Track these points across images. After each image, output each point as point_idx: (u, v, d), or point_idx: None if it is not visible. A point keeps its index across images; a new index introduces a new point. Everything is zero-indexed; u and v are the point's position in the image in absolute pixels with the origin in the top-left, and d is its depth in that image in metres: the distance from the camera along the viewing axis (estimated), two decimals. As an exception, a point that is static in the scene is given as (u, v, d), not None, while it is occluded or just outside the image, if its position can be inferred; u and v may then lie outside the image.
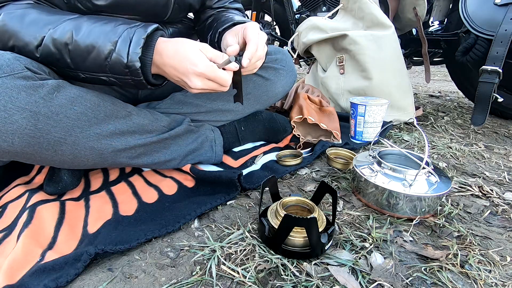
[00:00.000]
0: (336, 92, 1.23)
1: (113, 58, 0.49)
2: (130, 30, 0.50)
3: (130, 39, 0.49)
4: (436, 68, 3.39)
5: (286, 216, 0.44)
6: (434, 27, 1.47)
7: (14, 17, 0.50)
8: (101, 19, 0.52)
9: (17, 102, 0.45)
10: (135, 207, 0.59)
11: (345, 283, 0.42)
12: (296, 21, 1.78)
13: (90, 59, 0.50)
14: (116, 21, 0.52)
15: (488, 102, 0.98)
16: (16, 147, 0.47)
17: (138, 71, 0.50)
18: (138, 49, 0.49)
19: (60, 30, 0.49)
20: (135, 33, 0.50)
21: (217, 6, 0.82)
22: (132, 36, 0.49)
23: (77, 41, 0.49)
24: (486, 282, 0.44)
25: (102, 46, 0.49)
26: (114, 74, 0.52)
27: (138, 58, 0.49)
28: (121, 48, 0.49)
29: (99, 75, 0.53)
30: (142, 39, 0.49)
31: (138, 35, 0.50)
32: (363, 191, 0.62)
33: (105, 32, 0.50)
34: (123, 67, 0.50)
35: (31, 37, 0.50)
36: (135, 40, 0.49)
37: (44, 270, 0.43)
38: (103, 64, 0.50)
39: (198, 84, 0.53)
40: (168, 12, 0.72)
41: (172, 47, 0.52)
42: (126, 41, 0.49)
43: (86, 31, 0.50)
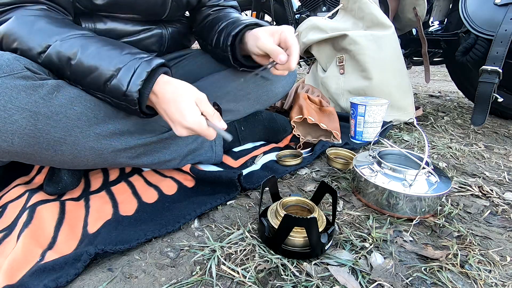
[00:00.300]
0: (336, 92, 1.23)
1: (113, 83, 0.50)
2: (136, 61, 0.50)
3: (134, 70, 0.50)
4: (436, 68, 3.39)
5: (286, 216, 0.44)
6: (434, 27, 1.47)
7: (24, 22, 0.51)
8: (109, 43, 0.53)
9: (17, 102, 0.45)
10: (135, 207, 0.59)
11: (345, 283, 0.42)
12: (296, 21, 1.78)
13: (90, 78, 0.51)
14: (124, 48, 0.53)
15: (488, 102, 0.98)
16: (16, 147, 0.47)
17: (135, 101, 0.51)
18: (139, 81, 0.49)
19: (67, 45, 0.50)
20: (140, 65, 0.50)
21: (212, 4, 0.82)
22: (137, 68, 0.50)
23: (81, 59, 0.50)
24: (486, 282, 0.44)
25: (105, 70, 0.50)
26: (111, 97, 0.52)
27: (138, 90, 0.50)
28: (123, 76, 0.49)
29: (96, 93, 0.53)
30: (145, 72, 0.50)
31: (142, 67, 0.50)
32: (363, 191, 0.62)
33: (111, 57, 0.50)
34: (121, 94, 0.50)
35: (36, 44, 0.50)
36: (139, 72, 0.50)
37: (44, 270, 0.43)
38: (101, 86, 0.51)
39: (183, 133, 0.53)
40: (166, 11, 0.72)
41: (170, 93, 0.52)
42: (129, 70, 0.50)
43: (92, 52, 0.50)
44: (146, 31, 0.73)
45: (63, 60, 0.51)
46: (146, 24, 0.73)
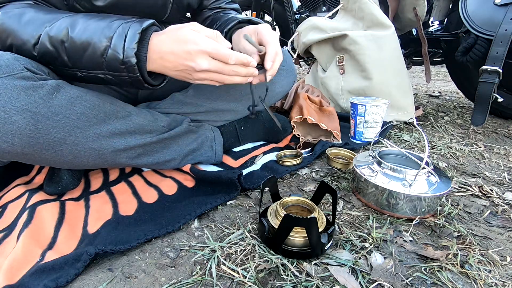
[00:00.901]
0: (336, 92, 1.23)
1: (109, 54, 0.48)
2: (125, 25, 0.49)
3: (125, 34, 0.48)
4: (436, 68, 3.39)
5: (286, 216, 0.44)
6: (434, 27, 1.47)
7: (11, 16, 0.50)
8: (96, 15, 0.52)
9: (16, 102, 0.45)
10: (135, 207, 0.59)
11: (345, 283, 0.42)
12: (296, 21, 1.78)
13: (87, 56, 0.49)
14: (111, 17, 0.51)
15: (488, 102, 0.99)
16: (16, 147, 0.47)
17: (134, 67, 0.49)
18: (133, 44, 0.48)
19: (56, 28, 0.49)
20: (130, 28, 0.49)
21: (214, 7, 0.82)
22: (127, 31, 0.48)
23: (72, 37, 0.49)
24: (486, 282, 0.44)
25: (97, 43, 0.48)
26: (111, 71, 0.51)
27: (134, 54, 0.48)
28: (116, 43, 0.48)
29: (97, 72, 0.52)
30: (137, 34, 0.48)
31: (133, 30, 0.48)
32: (363, 191, 0.62)
33: (100, 28, 0.49)
34: (119, 63, 0.49)
35: (29, 36, 0.49)
36: (130, 35, 0.48)
37: (44, 270, 0.43)
38: (99, 61, 0.49)
39: (204, 64, 0.50)
40: (166, 12, 0.72)
41: (168, 36, 0.50)
42: (121, 36, 0.48)
43: (81, 27, 0.49)
44: None
45: (57, 45, 0.49)
46: None
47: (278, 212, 0.50)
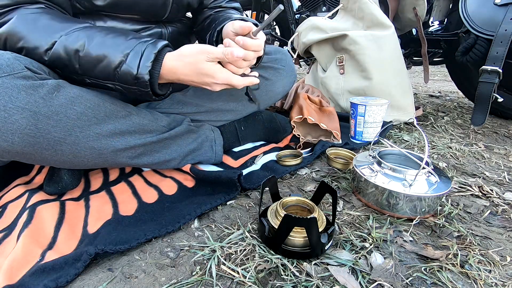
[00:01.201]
0: (336, 92, 1.23)
1: (123, 68, 0.52)
2: (142, 44, 0.53)
3: (141, 53, 0.52)
4: (436, 68, 3.39)
5: (286, 216, 0.44)
6: (434, 27, 1.47)
7: (26, 21, 0.51)
8: (113, 31, 0.55)
9: (17, 102, 0.45)
10: (135, 207, 0.59)
11: (345, 283, 0.42)
12: (296, 21, 1.78)
13: (100, 67, 0.52)
14: (127, 34, 0.55)
15: (488, 102, 0.99)
16: (16, 146, 0.47)
17: (146, 83, 0.53)
18: (148, 63, 0.52)
19: (73, 38, 0.51)
20: (146, 48, 0.53)
21: (214, 6, 0.83)
22: (144, 50, 0.52)
23: (89, 49, 0.52)
24: (486, 282, 0.44)
25: (113, 57, 0.52)
26: (122, 83, 0.54)
27: (148, 71, 0.52)
28: (132, 60, 0.52)
29: (106, 82, 0.55)
30: (153, 54, 0.52)
31: (150, 50, 0.53)
32: (363, 191, 0.62)
33: (117, 44, 0.52)
34: (133, 78, 0.52)
35: (42, 41, 0.51)
36: (146, 54, 0.52)
37: (44, 270, 0.43)
38: (112, 73, 0.53)
39: (218, 88, 0.59)
40: (166, 12, 0.72)
41: (185, 64, 0.55)
42: (137, 54, 0.52)
43: (98, 41, 0.52)
44: (145, 30, 0.73)
45: (71, 54, 0.52)
46: (146, 23, 0.73)
47: (278, 212, 0.50)
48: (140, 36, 0.56)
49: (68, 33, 0.52)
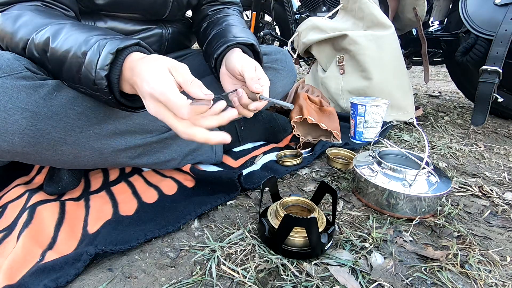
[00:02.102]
0: (336, 92, 1.23)
1: (83, 72, 0.44)
2: (102, 41, 0.43)
3: (99, 53, 0.43)
4: (436, 68, 3.39)
5: (286, 216, 0.44)
6: (434, 27, 1.47)
7: (9, 18, 0.49)
8: (82, 26, 0.48)
9: (17, 102, 0.45)
10: (135, 207, 0.59)
11: (345, 283, 0.42)
12: (296, 21, 1.78)
13: (65, 69, 0.46)
14: (95, 30, 0.47)
15: (488, 102, 0.99)
16: (16, 147, 0.47)
17: (105, 90, 0.44)
18: (105, 66, 0.42)
19: (40, 35, 0.46)
20: (105, 46, 0.43)
21: (210, 0, 0.81)
22: (102, 50, 0.43)
23: (53, 48, 0.46)
24: (486, 282, 0.44)
25: (73, 58, 0.44)
26: (88, 89, 0.46)
27: (104, 76, 0.43)
28: (90, 61, 0.43)
29: (77, 86, 0.48)
30: (110, 55, 0.42)
31: (108, 49, 0.43)
32: (363, 191, 0.62)
33: (78, 41, 0.44)
34: (92, 83, 0.44)
35: (19, 39, 0.48)
36: (104, 55, 0.42)
37: (44, 270, 0.43)
38: (75, 76, 0.46)
39: (150, 107, 0.42)
40: (167, 10, 0.72)
41: (144, 63, 0.43)
42: (95, 54, 0.43)
43: (62, 38, 0.45)
44: (146, 30, 0.73)
45: (41, 53, 0.47)
46: (147, 23, 0.73)
47: (278, 212, 0.50)
48: (107, 32, 0.46)
49: (40, 30, 0.47)
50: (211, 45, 0.69)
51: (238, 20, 0.77)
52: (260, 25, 2.09)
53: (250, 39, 0.67)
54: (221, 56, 0.65)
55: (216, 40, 0.68)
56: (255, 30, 2.02)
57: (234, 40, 0.65)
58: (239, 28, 0.71)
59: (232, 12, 0.82)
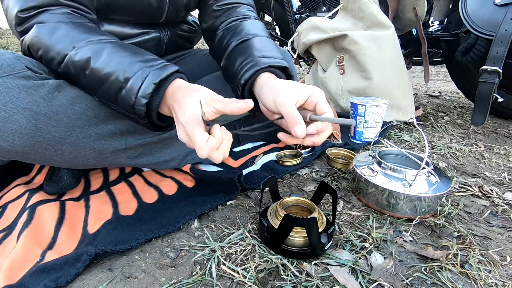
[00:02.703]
0: (336, 92, 1.23)
1: (122, 95, 0.47)
2: (145, 70, 0.47)
3: (142, 81, 0.46)
4: (436, 68, 3.39)
5: (286, 216, 0.44)
6: (434, 27, 1.47)
7: (45, 30, 0.50)
8: (124, 47, 0.50)
9: (17, 102, 0.45)
10: (135, 207, 0.59)
11: (345, 283, 0.42)
12: (296, 21, 1.78)
13: (103, 89, 0.49)
14: (137, 53, 0.49)
15: (488, 102, 0.99)
16: (17, 146, 0.47)
17: (142, 115, 0.48)
18: (146, 94, 0.46)
19: (80, 54, 0.48)
20: (148, 75, 0.46)
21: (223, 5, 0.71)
22: (145, 78, 0.46)
23: (93, 69, 0.48)
24: (486, 282, 0.44)
25: (114, 81, 0.47)
26: (123, 109, 0.50)
27: (145, 104, 0.46)
28: (132, 87, 0.46)
29: (110, 104, 0.51)
30: (152, 84, 0.46)
31: (151, 78, 0.46)
32: (363, 191, 0.62)
33: (121, 66, 0.47)
34: (130, 107, 0.48)
35: (56, 53, 0.49)
36: (146, 84, 0.46)
37: (44, 270, 0.43)
38: (113, 97, 0.49)
39: (181, 136, 0.45)
40: (162, 15, 0.71)
41: (185, 94, 0.46)
42: (138, 81, 0.46)
43: (104, 60, 0.48)
44: (143, 34, 0.73)
45: (79, 71, 0.49)
46: (144, 27, 0.72)
47: (278, 212, 0.50)
48: (150, 59, 0.49)
49: (79, 47, 0.48)
50: (233, 63, 0.60)
51: (258, 25, 0.68)
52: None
53: (281, 60, 0.57)
54: (248, 82, 0.56)
55: (239, 58, 0.59)
56: (255, 30, 2.02)
57: (263, 63, 0.55)
58: (264, 41, 0.63)
59: (246, 12, 0.72)
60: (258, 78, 0.55)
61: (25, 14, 0.50)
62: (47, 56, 0.50)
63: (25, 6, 0.49)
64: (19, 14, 0.50)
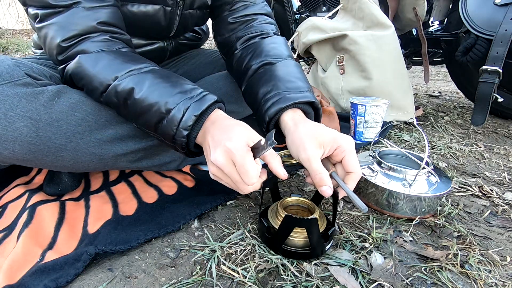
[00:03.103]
0: (336, 92, 1.23)
1: (163, 125, 0.48)
2: (187, 102, 0.48)
3: (183, 113, 0.47)
4: (436, 68, 3.39)
5: (286, 217, 0.44)
6: (434, 27, 1.47)
7: (88, 60, 0.50)
8: (164, 78, 0.51)
9: (17, 109, 0.45)
10: (135, 207, 0.59)
11: (345, 283, 0.42)
12: (296, 21, 1.77)
13: (144, 118, 0.50)
14: (176, 85, 0.50)
15: (488, 102, 0.99)
16: (17, 154, 0.47)
17: (183, 145, 0.49)
18: (187, 126, 0.47)
19: (123, 85, 0.49)
20: (189, 107, 0.47)
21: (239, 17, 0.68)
22: (186, 110, 0.47)
23: (135, 99, 0.49)
24: (486, 282, 0.44)
25: (156, 112, 0.48)
26: (163, 139, 0.51)
27: (186, 135, 0.48)
28: (173, 118, 0.47)
29: (150, 132, 0.52)
30: (193, 117, 0.47)
31: (192, 111, 0.47)
32: (363, 191, 0.62)
33: (163, 97, 0.48)
34: (171, 137, 0.49)
35: (98, 83, 0.50)
36: (187, 116, 0.47)
37: (44, 270, 0.43)
38: (153, 126, 0.50)
39: (219, 159, 0.44)
40: (171, 32, 0.71)
41: (229, 123, 0.48)
42: (179, 112, 0.47)
43: (146, 91, 0.48)
44: (149, 45, 0.73)
45: (121, 100, 0.50)
46: (151, 38, 0.73)
47: (279, 212, 0.50)
48: (189, 89, 0.50)
49: (121, 77, 0.49)
50: (255, 92, 0.59)
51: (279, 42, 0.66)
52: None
53: (307, 93, 0.55)
54: (273, 120, 0.55)
55: (262, 88, 0.58)
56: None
57: (288, 99, 0.53)
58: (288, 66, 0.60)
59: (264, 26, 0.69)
60: (283, 115, 0.55)
61: (68, 43, 0.50)
62: (90, 86, 0.51)
63: (68, 36, 0.50)
64: (62, 43, 0.50)
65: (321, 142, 0.48)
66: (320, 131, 0.49)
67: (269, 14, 0.73)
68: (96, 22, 0.52)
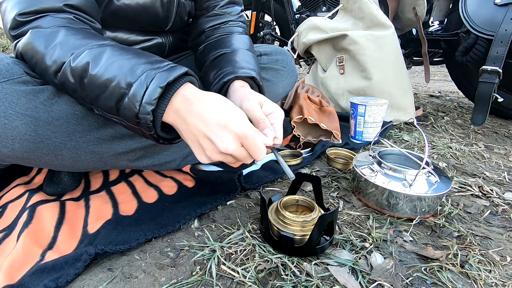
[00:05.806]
0: (336, 92, 1.23)
1: (125, 103, 0.41)
2: (150, 72, 0.41)
3: (147, 85, 0.40)
4: (436, 68, 3.39)
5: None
6: (434, 27, 1.47)
7: (41, 36, 0.44)
8: (124, 50, 0.44)
9: (17, 107, 0.45)
10: (135, 207, 0.59)
11: (345, 283, 0.42)
12: (296, 21, 1.78)
13: (103, 98, 0.42)
14: (141, 56, 0.44)
15: (488, 102, 0.99)
16: (17, 152, 0.47)
17: (148, 125, 0.42)
18: (152, 100, 0.40)
19: (79, 59, 0.42)
20: (154, 78, 0.40)
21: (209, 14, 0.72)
22: (150, 82, 0.40)
23: (93, 76, 0.41)
24: (486, 282, 0.44)
25: (116, 88, 0.41)
26: (126, 121, 0.43)
27: (151, 111, 0.40)
28: (135, 93, 0.40)
29: (112, 116, 0.45)
30: (158, 88, 0.40)
31: (157, 82, 0.40)
32: (363, 191, 0.62)
33: (123, 70, 0.41)
34: (134, 116, 0.41)
35: (52, 61, 0.43)
36: (152, 88, 0.40)
37: (44, 270, 0.43)
38: (114, 107, 0.42)
39: (230, 147, 0.41)
40: (169, 24, 0.71)
41: (210, 97, 0.43)
42: (142, 86, 0.40)
43: (104, 65, 0.41)
44: (147, 41, 0.73)
45: (77, 79, 0.43)
46: (148, 34, 0.72)
47: (279, 211, 0.50)
48: (156, 60, 0.43)
49: (78, 53, 0.42)
50: (207, 77, 0.62)
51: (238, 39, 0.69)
52: (260, 25, 2.08)
53: (249, 71, 0.58)
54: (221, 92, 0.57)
55: (212, 72, 0.61)
56: (255, 30, 2.02)
57: (234, 73, 0.57)
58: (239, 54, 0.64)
59: (230, 28, 0.73)
60: (229, 88, 0.57)
61: (24, 18, 0.45)
62: (42, 64, 0.44)
63: (26, 10, 0.44)
64: (17, 17, 0.44)
65: (261, 101, 0.50)
66: (260, 95, 0.52)
67: (241, 20, 0.76)
68: (63, 4, 0.46)
